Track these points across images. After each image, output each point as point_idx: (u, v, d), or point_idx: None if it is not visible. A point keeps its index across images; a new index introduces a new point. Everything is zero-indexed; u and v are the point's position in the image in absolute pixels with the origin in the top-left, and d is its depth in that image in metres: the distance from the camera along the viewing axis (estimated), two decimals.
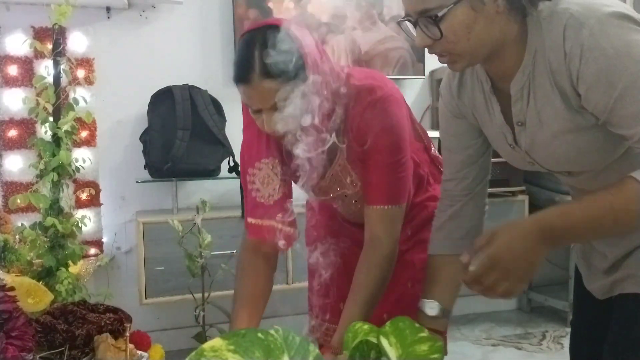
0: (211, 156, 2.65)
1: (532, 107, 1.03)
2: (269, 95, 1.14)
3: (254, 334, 0.66)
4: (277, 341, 0.66)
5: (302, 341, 0.71)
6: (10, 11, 2.55)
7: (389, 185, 1.28)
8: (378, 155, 1.26)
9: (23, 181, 2.51)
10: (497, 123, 1.11)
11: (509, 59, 1.01)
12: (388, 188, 1.28)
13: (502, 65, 1.03)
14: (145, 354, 1.46)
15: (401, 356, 0.82)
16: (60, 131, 2.04)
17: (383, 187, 1.28)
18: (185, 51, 2.85)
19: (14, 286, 1.36)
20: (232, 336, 0.65)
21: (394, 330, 0.84)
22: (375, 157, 1.27)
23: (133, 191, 2.75)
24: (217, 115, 2.71)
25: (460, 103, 1.19)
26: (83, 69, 2.59)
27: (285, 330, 0.70)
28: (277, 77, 1.12)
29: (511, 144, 1.11)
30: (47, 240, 2.01)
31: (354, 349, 0.86)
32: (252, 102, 1.19)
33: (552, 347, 2.77)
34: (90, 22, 2.66)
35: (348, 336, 0.88)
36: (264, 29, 1.16)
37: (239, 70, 1.17)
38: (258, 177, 1.32)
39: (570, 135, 1.00)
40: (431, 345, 0.84)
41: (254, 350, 0.64)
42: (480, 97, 1.13)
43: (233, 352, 0.63)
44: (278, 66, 1.12)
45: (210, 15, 2.89)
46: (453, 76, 1.19)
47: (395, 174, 1.28)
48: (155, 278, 2.49)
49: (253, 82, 1.14)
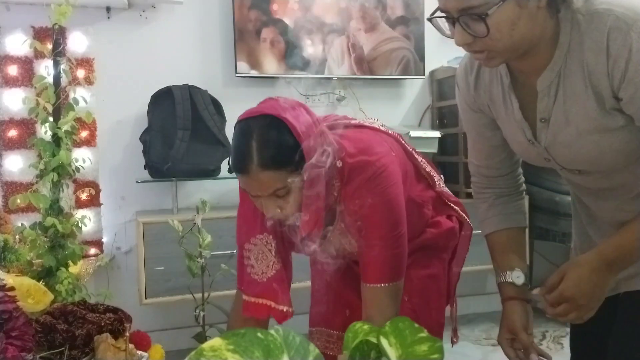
0: (211, 156, 2.65)
1: (559, 104, 1.03)
2: (267, 185, 1.15)
3: (254, 333, 0.66)
4: (277, 341, 0.66)
5: (302, 341, 0.71)
6: (10, 11, 2.55)
7: (385, 263, 1.26)
8: (373, 232, 1.24)
9: (23, 181, 2.51)
10: (516, 118, 1.11)
11: (540, 55, 1.01)
12: (384, 265, 1.26)
13: (531, 62, 1.03)
14: (145, 354, 1.46)
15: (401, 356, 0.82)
16: (60, 131, 2.04)
17: (379, 265, 1.26)
18: (185, 51, 2.85)
19: (14, 286, 1.36)
20: (231, 336, 0.65)
21: (394, 331, 0.84)
22: (370, 234, 1.25)
23: (133, 191, 2.75)
24: (217, 115, 2.71)
25: (476, 96, 1.19)
26: (83, 69, 2.59)
27: (285, 330, 0.70)
28: (275, 168, 1.13)
29: (530, 139, 1.11)
30: (47, 240, 2.01)
31: (354, 349, 0.86)
32: (250, 190, 1.19)
33: (552, 347, 2.77)
34: (90, 22, 2.67)
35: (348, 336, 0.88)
36: (260, 118, 1.16)
37: (237, 161, 1.17)
38: (253, 252, 1.33)
39: (596, 136, 1.01)
40: (431, 345, 0.84)
41: (253, 350, 0.64)
42: (498, 91, 1.13)
43: (232, 352, 0.63)
44: (276, 158, 1.13)
45: (210, 15, 2.89)
46: (470, 69, 1.19)
47: (391, 250, 1.25)
48: (155, 278, 2.49)
49: (251, 173, 1.14)
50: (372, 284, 1.26)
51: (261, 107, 1.19)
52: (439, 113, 3.20)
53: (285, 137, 1.14)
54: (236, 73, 2.81)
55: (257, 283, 1.32)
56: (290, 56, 2.89)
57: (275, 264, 1.32)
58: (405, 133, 2.94)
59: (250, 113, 1.19)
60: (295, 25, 2.89)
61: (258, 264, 1.33)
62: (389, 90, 3.21)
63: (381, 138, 1.33)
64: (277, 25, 2.86)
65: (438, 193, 1.47)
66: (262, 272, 1.32)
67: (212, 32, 2.89)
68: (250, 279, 1.34)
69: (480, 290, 3.35)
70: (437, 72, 3.18)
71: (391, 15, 3.05)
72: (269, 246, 1.32)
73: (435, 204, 1.46)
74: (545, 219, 3.03)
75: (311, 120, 1.20)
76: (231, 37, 2.83)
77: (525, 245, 1.37)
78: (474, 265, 2.91)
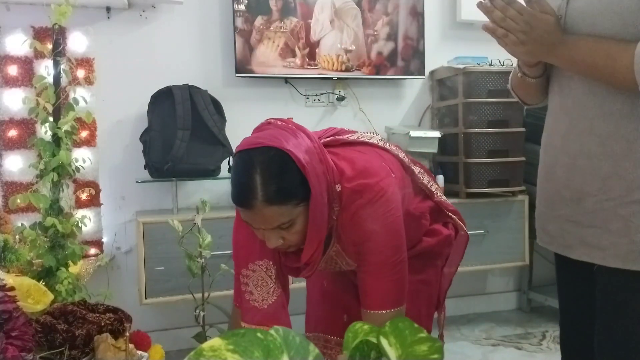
0: (211, 156, 2.65)
1: None
2: (272, 219, 1.13)
3: (254, 333, 0.66)
4: (277, 341, 0.66)
5: (302, 341, 0.71)
6: (10, 11, 2.55)
7: (387, 290, 1.23)
8: (373, 258, 1.22)
9: (23, 181, 2.51)
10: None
11: None
12: (387, 293, 1.23)
13: None
14: (145, 354, 1.46)
15: (401, 356, 0.82)
16: (60, 131, 2.04)
17: (381, 292, 1.23)
18: (185, 51, 2.85)
19: (14, 286, 1.36)
20: (231, 336, 0.65)
21: (394, 331, 0.84)
22: (370, 260, 1.22)
23: (133, 191, 2.75)
24: (217, 115, 2.71)
25: None
26: (83, 69, 2.59)
27: (285, 330, 0.70)
28: (280, 203, 1.11)
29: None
30: (47, 240, 2.01)
31: (354, 349, 0.86)
32: (253, 223, 1.17)
33: (552, 347, 2.77)
34: (90, 22, 2.67)
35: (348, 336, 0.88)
36: (262, 151, 1.12)
37: (240, 195, 1.13)
38: (252, 279, 1.30)
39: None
40: (430, 345, 0.84)
41: (253, 350, 0.64)
42: None
43: (232, 352, 0.63)
44: (281, 193, 1.11)
45: (210, 15, 2.89)
46: None
47: (392, 276, 1.22)
48: (155, 278, 2.49)
49: (255, 208, 1.12)
50: (373, 310, 1.23)
51: (261, 138, 1.15)
52: (439, 113, 3.20)
53: (290, 171, 1.11)
54: (236, 73, 2.81)
55: (258, 310, 1.29)
56: (291, 56, 2.89)
57: (275, 290, 1.30)
58: (405, 133, 2.94)
59: (250, 144, 1.14)
60: (296, 25, 2.89)
61: (258, 290, 1.30)
62: (389, 90, 3.21)
63: (381, 157, 1.30)
64: (278, 25, 2.86)
65: (436, 202, 1.46)
66: (263, 299, 1.30)
67: (212, 32, 2.89)
68: (249, 306, 1.31)
69: (480, 290, 3.35)
70: (437, 72, 3.18)
71: (392, 15, 3.05)
72: (269, 272, 1.30)
73: (432, 212, 1.45)
74: None
75: (312, 146, 1.17)
76: (231, 37, 2.83)
77: None
78: (474, 265, 2.93)
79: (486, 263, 2.96)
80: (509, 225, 2.98)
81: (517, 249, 3.02)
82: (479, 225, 2.87)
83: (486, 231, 2.91)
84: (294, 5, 2.88)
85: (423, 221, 1.43)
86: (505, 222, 2.98)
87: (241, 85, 2.91)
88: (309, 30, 2.91)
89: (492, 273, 3.33)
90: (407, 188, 1.36)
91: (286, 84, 2.99)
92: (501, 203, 2.96)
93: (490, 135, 2.89)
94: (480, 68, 2.90)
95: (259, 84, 2.93)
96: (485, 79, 2.88)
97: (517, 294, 3.39)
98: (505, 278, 3.39)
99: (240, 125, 2.86)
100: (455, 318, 3.15)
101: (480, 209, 2.91)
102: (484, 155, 2.90)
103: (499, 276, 3.37)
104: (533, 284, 3.30)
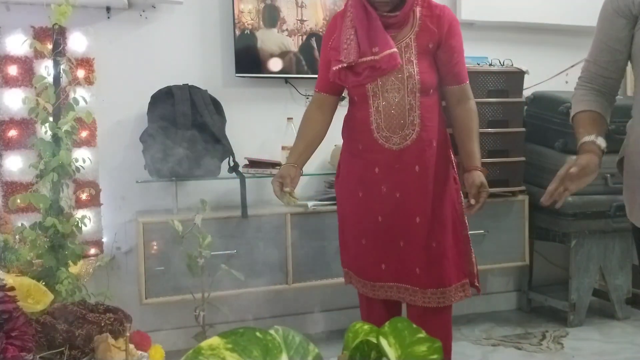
0: (211, 156, 2.65)
1: None
2: None
3: (253, 332, 0.66)
4: (276, 340, 0.66)
5: (302, 341, 0.71)
6: (10, 11, 2.55)
7: (465, 65, 1.87)
8: (454, 40, 1.81)
9: (23, 181, 2.51)
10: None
11: None
12: (464, 67, 1.87)
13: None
14: (145, 354, 1.46)
15: (400, 356, 0.82)
16: (60, 131, 2.04)
17: (463, 66, 1.85)
18: (185, 51, 2.85)
19: (14, 286, 1.36)
20: (230, 335, 0.65)
21: (393, 331, 0.84)
22: (451, 42, 1.80)
23: (133, 191, 2.75)
24: (217, 115, 2.71)
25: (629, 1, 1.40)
26: (83, 69, 2.59)
27: (285, 330, 0.70)
28: None
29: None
30: (47, 240, 2.01)
31: (354, 349, 0.86)
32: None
33: (552, 347, 2.77)
34: (90, 22, 2.67)
35: (348, 336, 0.88)
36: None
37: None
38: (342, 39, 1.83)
39: None
40: (430, 345, 0.84)
41: (252, 349, 0.64)
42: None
43: (231, 351, 0.63)
44: None
45: (210, 15, 2.89)
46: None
47: (463, 56, 1.86)
48: (155, 278, 2.49)
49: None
50: (463, 83, 1.88)
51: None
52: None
53: None
54: (236, 73, 2.81)
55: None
56: (290, 56, 2.89)
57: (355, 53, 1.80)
58: None
59: None
60: (296, 24, 2.89)
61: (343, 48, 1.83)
62: None
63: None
64: (278, 26, 2.86)
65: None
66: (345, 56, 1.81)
67: (212, 32, 2.89)
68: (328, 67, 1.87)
69: (480, 290, 3.34)
70: None
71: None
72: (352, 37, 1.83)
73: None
74: (545, 219, 3.04)
75: None
76: (231, 37, 2.83)
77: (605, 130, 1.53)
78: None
79: (486, 263, 2.95)
80: (509, 225, 2.98)
81: (517, 249, 3.02)
82: (479, 225, 2.86)
83: (486, 231, 2.91)
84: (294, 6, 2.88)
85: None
86: (505, 222, 2.97)
87: (241, 85, 2.91)
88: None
89: (492, 273, 3.32)
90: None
91: (286, 84, 2.99)
92: (501, 203, 2.96)
93: (490, 135, 2.88)
94: (480, 68, 2.90)
95: (259, 84, 2.93)
96: (485, 79, 2.88)
97: (517, 294, 3.39)
98: (505, 278, 3.39)
99: (240, 125, 2.87)
100: (455, 318, 3.14)
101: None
102: (484, 155, 2.88)
103: (498, 276, 3.37)
104: (533, 284, 3.30)
